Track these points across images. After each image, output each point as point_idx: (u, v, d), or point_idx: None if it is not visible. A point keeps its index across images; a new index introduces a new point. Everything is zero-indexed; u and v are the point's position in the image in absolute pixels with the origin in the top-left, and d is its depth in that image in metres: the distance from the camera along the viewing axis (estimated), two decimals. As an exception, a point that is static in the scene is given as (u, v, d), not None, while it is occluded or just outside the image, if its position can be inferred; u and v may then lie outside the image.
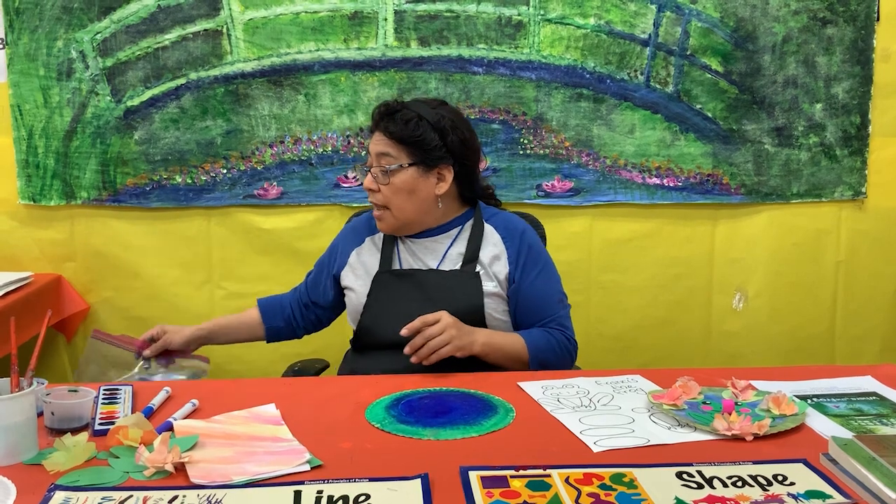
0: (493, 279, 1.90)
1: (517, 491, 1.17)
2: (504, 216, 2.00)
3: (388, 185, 1.87)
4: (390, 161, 1.87)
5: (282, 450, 1.33)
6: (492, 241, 1.94)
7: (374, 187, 1.88)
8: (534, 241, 1.97)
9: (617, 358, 2.85)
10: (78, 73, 2.72)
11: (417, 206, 1.90)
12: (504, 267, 1.91)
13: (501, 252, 1.92)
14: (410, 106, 1.91)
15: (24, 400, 1.29)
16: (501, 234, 1.95)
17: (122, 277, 2.83)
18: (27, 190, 2.78)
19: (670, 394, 1.51)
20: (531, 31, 2.72)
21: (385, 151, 1.87)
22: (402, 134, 1.87)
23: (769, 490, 1.18)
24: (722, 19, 2.74)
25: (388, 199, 1.88)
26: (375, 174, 1.88)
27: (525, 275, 1.91)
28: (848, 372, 1.71)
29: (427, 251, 1.94)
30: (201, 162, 2.77)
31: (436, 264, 1.92)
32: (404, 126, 1.87)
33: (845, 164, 2.82)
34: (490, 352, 1.79)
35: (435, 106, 1.93)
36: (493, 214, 2.00)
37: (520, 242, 1.93)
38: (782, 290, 2.87)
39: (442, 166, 1.90)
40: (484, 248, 1.92)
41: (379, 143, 1.89)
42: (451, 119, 1.91)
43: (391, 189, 1.87)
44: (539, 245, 1.98)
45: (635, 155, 2.79)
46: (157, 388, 1.59)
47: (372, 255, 1.97)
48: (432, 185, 1.90)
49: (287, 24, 2.70)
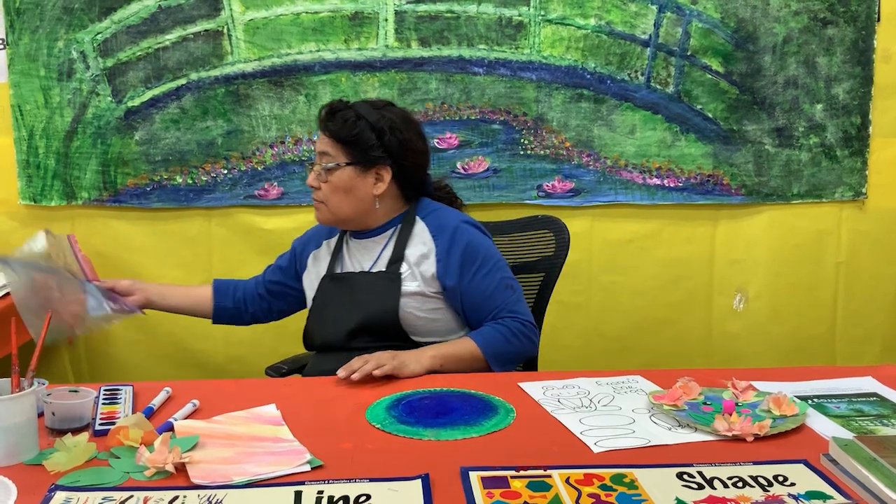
0: (418, 278, 1.89)
1: (518, 491, 1.17)
2: (441, 213, 1.98)
3: (327, 182, 1.91)
4: (329, 160, 1.91)
5: (282, 450, 1.33)
6: (421, 238, 1.94)
7: (316, 184, 1.93)
8: (470, 236, 1.94)
9: (617, 358, 2.85)
10: (78, 74, 2.73)
11: (355, 205, 1.92)
12: (431, 266, 1.90)
13: (430, 250, 1.91)
14: (353, 106, 1.94)
15: (24, 400, 1.29)
16: (432, 231, 1.94)
17: (123, 277, 2.82)
18: (28, 190, 2.78)
19: (671, 394, 1.51)
20: (532, 31, 2.72)
21: (325, 150, 1.92)
22: (339, 133, 1.91)
23: (770, 491, 1.18)
24: (722, 20, 2.74)
25: (326, 196, 1.93)
26: (318, 172, 1.93)
27: (464, 274, 1.89)
28: (848, 373, 1.71)
29: (365, 252, 1.97)
30: (202, 162, 2.77)
31: (370, 266, 1.95)
32: (342, 125, 1.90)
33: (846, 165, 2.82)
34: (443, 362, 1.79)
35: (379, 107, 1.95)
36: (431, 211, 1.99)
37: (451, 240, 1.91)
38: (783, 291, 2.87)
39: (380, 166, 1.91)
40: (412, 247, 1.92)
41: (321, 142, 1.94)
42: (391, 120, 1.92)
43: (329, 187, 1.92)
44: (476, 239, 1.94)
45: (636, 155, 2.79)
46: (158, 389, 1.59)
47: (324, 260, 2.03)
48: (370, 184, 1.92)
49: (288, 25, 2.71)
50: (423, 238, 1.94)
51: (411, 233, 1.94)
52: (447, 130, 2.77)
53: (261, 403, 1.53)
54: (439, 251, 1.91)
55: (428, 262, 1.91)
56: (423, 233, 1.94)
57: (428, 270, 1.90)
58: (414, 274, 1.90)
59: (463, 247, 1.91)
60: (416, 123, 1.99)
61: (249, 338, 2.73)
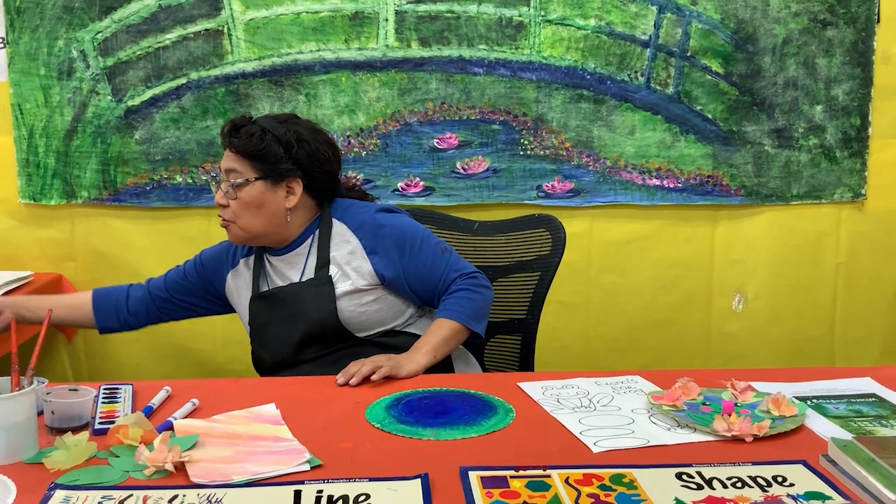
0: (350, 276, 1.88)
1: (517, 491, 1.18)
2: (354, 208, 1.97)
3: (237, 199, 1.86)
4: (237, 176, 1.86)
5: (282, 449, 1.33)
6: (343, 237, 1.92)
7: (224, 202, 1.88)
8: (390, 221, 1.93)
9: (617, 359, 2.85)
10: (79, 73, 2.72)
11: (267, 220, 1.89)
12: (364, 262, 1.89)
13: (356, 246, 1.90)
14: (257, 121, 1.91)
15: (24, 399, 1.30)
16: (352, 227, 1.92)
17: (123, 277, 2.81)
18: (28, 189, 2.78)
19: (670, 395, 1.51)
20: (532, 31, 2.72)
21: (231, 167, 1.87)
22: (246, 148, 1.86)
23: (769, 491, 1.18)
24: (722, 21, 2.74)
25: (236, 214, 1.87)
26: (226, 189, 1.87)
27: (401, 260, 1.90)
28: (847, 373, 1.71)
29: (289, 266, 1.93)
30: (202, 162, 2.77)
31: (297, 277, 1.92)
32: (248, 140, 1.86)
33: (845, 166, 2.82)
34: (437, 352, 1.80)
35: (283, 120, 1.92)
36: (345, 209, 1.97)
37: (374, 233, 1.91)
38: (782, 292, 2.87)
39: (290, 179, 1.89)
40: (336, 248, 1.91)
41: (227, 158, 1.89)
42: (297, 132, 1.90)
43: (239, 204, 1.87)
44: (397, 222, 1.94)
45: (635, 156, 2.79)
46: (158, 388, 1.59)
47: (244, 279, 1.99)
48: (281, 198, 1.89)
49: (288, 25, 2.71)
50: (345, 236, 1.92)
51: (331, 234, 1.92)
52: (447, 130, 2.77)
53: (260, 403, 1.53)
54: (366, 245, 1.90)
55: (357, 259, 1.89)
56: (344, 231, 1.92)
57: (361, 266, 1.89)
58: (345, 273, 1.88)
59: (389, 235, 1.91)
60: (324, 132, 1.97)
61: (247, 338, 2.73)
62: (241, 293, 1.99)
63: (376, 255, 1.90)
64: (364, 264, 1.89)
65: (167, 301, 2.07)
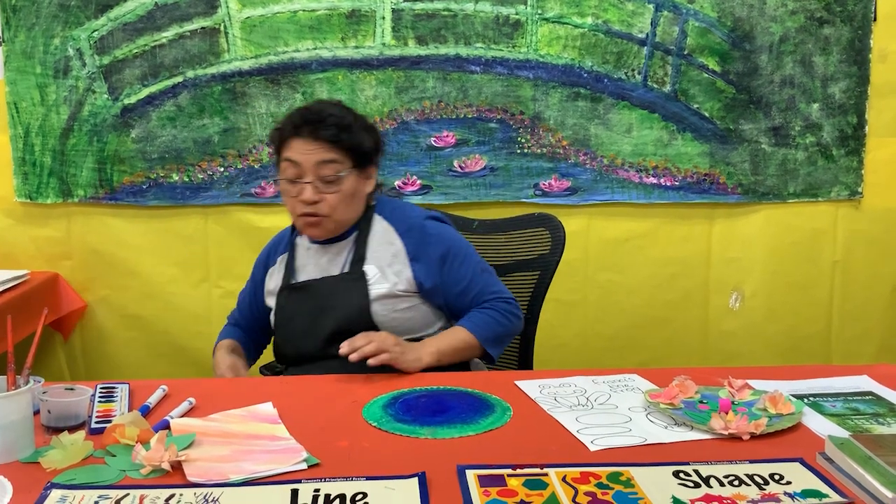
0: (389, 279, 1.85)
1: (514, 490, 1.17)
2: (403, 210, 1.96)
3: (336, 192, 1.82)
4: (337, 168, 1.82)
5: (279, 448, 1.33)
6: (387, 238, 1.89)
7: (318, 198, 1.82)
8: (439, 231, 1.92)
9: (614, 357, 2.85)
10: (75, 71, 2.72)
11: (356, 210, 1.89)
12: (405, 267, 1.87)
13: (399, 250, 1.88)
14: (335, 110, 1.87)
15: (20, 398, 1.29)
16: (399, 230, 1.90)
17: (119, 276, 2.83)
18: (24, 188, 2.78)
19: (667, 393, 1.51)
20: (529, 30, 2.72)
21: (329, 158, 1.81)
22: (341, 138, 1.83)
23: (766, 489, 1.18)
24: (719, 19, 2.74)
25: (334, 207, 1.83)
26: (322, 184, 1.81)
27: (443, 271, 1.88)
28: (844, 371, 1.71)
29: (331, 256, 1.90)
30: (198, 160, 2.76)
31: (338, 269, 1.88)
32: (343, 130, 1.83)
33: (842, 164, 2.82)
34: (442, 357, 1.77)
35: (348, 107, 1.92)
36: (393, 209, 1.95)
37: (421, 240, 1.89)
38: (779, 290, 2.88)
39: (370, 167, 1.90)
40: (378, 246, 1.88)
41: (318, 150, 1.81)
42: (366, 118, 1.92)
43: (339, 196, 1.83)
44: (445, 233, 1.94)
45: (632, 154, 2.79)
46: (154, 387, 1.58)
47: (280, 274, 1.96)
48: (364, 185, 1.89)
49: (284, 23, 2.70)
50: (390, 237, 1.89)
51: (370, 231, 1.90)
52: (444, 129, 2.77)
53: (257, 401, 1.52)
54: (410, 251, 1.88)
55: (399, 263, 1.87)
56: (389, 232, 1.90)
57: (402, 272, 1.86)
58: (385, 275, 1.85)
59: (435, 245, 1.89)
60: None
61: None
62: (272, 287, 1.96)
63: (418, 263, 1.87)
64: (405, 270, 1.87)
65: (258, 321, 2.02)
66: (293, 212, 1.87)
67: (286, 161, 1.84)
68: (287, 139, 1.84)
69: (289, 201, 1.87)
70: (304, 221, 1.86)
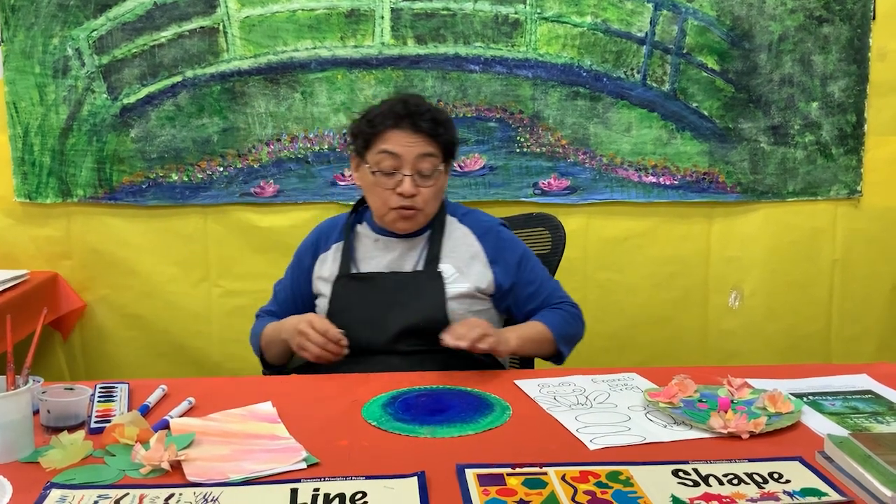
0: (469, 279, 1.86)
1: (513, 489, 1.18)
2: (476, 214, 1.98)
3: (431, 187, 1.83)
4: (434, 163, 1.83)
5: (279, 448, 1.33)
6: (465, 240, 1.91)
7: (415, 192, 1.81)
8: (511, 236, 1.97)
9: (613, 356, 2.85)
10: (74, 71, 2.72)
11: (438, 206, 1.91)
12: (485, 269, 1.89)
13: (478, 252, 1.90)
14: (430, 104, 1.87)
15: (20, 398, 1.29)
16: (476, 233, 1.92)
17: (119, 275, 2.83)
18: (23, 187, 2.78)
19: (666, 392, 1.51)
20: (528, 29, 2.72)
21: (428, 152, 1.81)
22: (439, 133, 1.82)
23: (765, 488, 1.18)
24: (718, 18, 2.74)
25: (427, 201, 1.83)
26: (415, 178, 1.80)
27: (518, 273, 1.91)
28: (844, 370, 1.71)
29: (401, 252, 1.89)
30: (198, 160, 2.76)
31: (408, 266, 1.88)
32: (442, 125, 1.83)
33: (841, 163, 2.82)
34: (524, 343, 1.80)
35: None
36: (466, 212, 1.98)
37: (498, 244, 1.92)
38: (778, 289, 2.88)
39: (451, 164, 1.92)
40: (456, 248, 1.90)
41: (419, 143, 1.80)
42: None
43: (432, 192, 1.84)
44: (516, 238, 1.98)
45: (632, 153, 2.79)
46: (154, 387, 1.58)
47: (333, 261, 1.92)
48: (445, 182, 1.91)
49: (284, 22, 2.70)
50: (467, 240, 1.91)
51: (444, 230, 1.91)
52: (443, 128, 2.77)
53: (257, 401, 1.53)
54: (489, 254, 1.90)
55: (479, 264, 1.89)
56: (466, 234, 1.92)
57: (482, 274, 1.88)
58: (465, 275, 1.86)
59: (511, 249, 1.92)
60: None
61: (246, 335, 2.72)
62: (325, 274, 1.91)
63: (497, 266, 1.89)
64: (486, 272, 1.88)
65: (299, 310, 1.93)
66: (385, 204, 1.83)
67: (383, 153, 1.81)
68: (384, 130, 1.82)
69: (380, 193, 1.84)
70: (399, 214, 1.84)
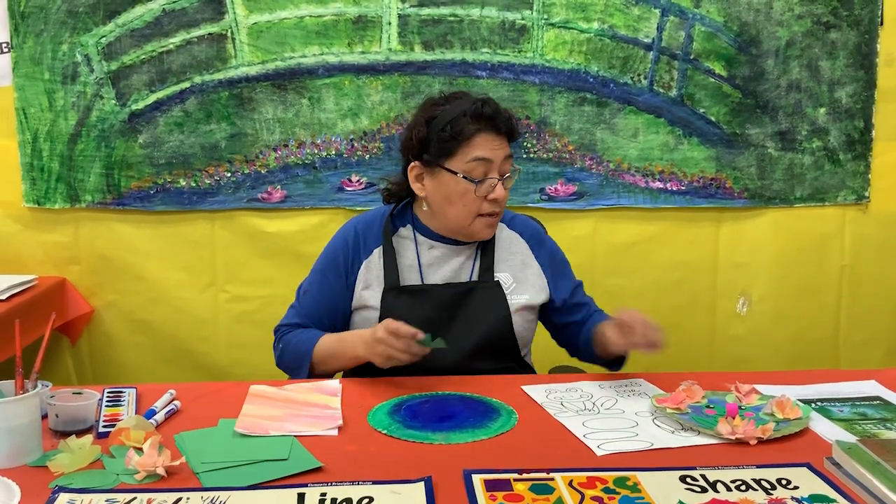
0: (528, 291, 1.80)
1: (521, 494, 1.17)
2: (522, 219, 1.91)
3: (507, 189, 1.74)
4: (511, 164, 1.75)
5: (322, 415, 1.46)
6: (516, 247, 1.84)
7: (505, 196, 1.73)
8: (552, 241, 1.93)
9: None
10: (83, 77, 2.73)
11: None
12: (539, 278, 1.82)
13: (530, 259, 1.84)
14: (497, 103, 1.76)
15: (28, 402, 1.30)
16: (527, 240, 1.86)
17: (127, 280, 2.83)
18: (32, 193, 2.79)
19: (674, 397, 1.51)
20: (535, 35, 2.73)
21: (510, 153, 1.74)
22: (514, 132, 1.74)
23: (773, 494, 1.18)
24: (725, 24, 2.74)
25: (503, 206, 1.76)
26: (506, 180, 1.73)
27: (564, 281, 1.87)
28: (852, 376, 1.71)
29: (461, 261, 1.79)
30: (205, 165, 2.77)
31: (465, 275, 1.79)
32: (515, 123, 1.75)
33: (849, 169, 2.82)
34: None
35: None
36: (512, 217, 1.89)
37: (548, 252, 1.87)
38: (786, 295, 2.87)
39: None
40: (507, 254, 1.82)
41: (503, 145, 1.72)
42: None
43: (507, 195, 1.74)
44: (551, 239, 1.94)
45: (639, 159, 2.79)
46: (162, 391, 1.59)
47: (377, 267, 1.79)
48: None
49: (291, 28, 2.71)
50: (518, 246, 1.84)
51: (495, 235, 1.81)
52: (450, 134, 2.77)
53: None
54: (540, 260, 1.84)
55: (532, 273, 1.82)
56: (517, 240, 1.85)
57: (537, 283, 1.82)
58: (521, 284, 1.80)
59: (555, 252, 1.88)
60: None
61: (253, 340, 2.73)
62: (372, 282, 1.78)
63: (548, 270, 1.84)
64: (540, 282, 1.82)
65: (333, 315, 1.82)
66: (473, 211, 1.72)
67: (477, 160, 1.69)
68: (471, 136, 1.69)
69: (469, 201, 1.71)
70: (487, 222, 1.74)
